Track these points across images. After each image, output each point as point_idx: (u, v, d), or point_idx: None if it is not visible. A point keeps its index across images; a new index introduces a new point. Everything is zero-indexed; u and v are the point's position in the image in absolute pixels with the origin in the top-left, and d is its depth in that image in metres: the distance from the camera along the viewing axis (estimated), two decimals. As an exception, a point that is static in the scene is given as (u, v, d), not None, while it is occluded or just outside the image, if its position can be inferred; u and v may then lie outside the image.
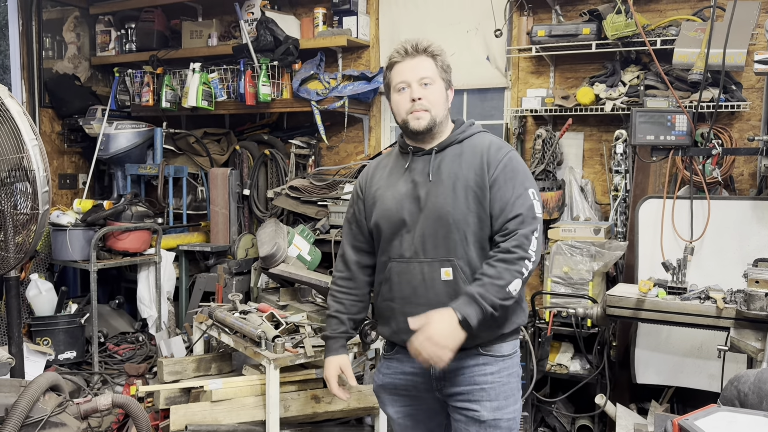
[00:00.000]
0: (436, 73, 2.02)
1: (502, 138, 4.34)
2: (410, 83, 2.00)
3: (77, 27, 5.64)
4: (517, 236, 1.91)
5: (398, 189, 2.06)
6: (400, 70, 2.02)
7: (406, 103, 2.01)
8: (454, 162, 2.02)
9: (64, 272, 5.10)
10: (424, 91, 2.00)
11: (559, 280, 3.62)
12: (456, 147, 2.05)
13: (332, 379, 2.19)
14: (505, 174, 1.97)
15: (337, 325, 2.20)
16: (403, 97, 2.02)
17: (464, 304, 1.86)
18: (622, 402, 3.43)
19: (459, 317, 1.84)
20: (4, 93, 2.86)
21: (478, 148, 2.03)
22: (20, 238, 3.04)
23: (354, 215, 2.20)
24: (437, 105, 2.02)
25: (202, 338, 3.58)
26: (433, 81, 2.01)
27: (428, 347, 1.83)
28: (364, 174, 2.21)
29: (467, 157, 2.02)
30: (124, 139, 5.22)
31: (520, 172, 1.99)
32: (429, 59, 2.02)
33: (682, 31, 3.55)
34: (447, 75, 2.06)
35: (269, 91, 4.70)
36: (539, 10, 4.21)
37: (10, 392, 2.20)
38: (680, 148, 3.26)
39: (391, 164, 2.14)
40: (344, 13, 4.67)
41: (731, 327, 2.64)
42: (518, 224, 1.92)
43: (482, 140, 2.06)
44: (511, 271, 1.88)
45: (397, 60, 2.03)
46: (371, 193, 2.13)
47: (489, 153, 2.00)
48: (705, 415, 1.39)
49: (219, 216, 5.02)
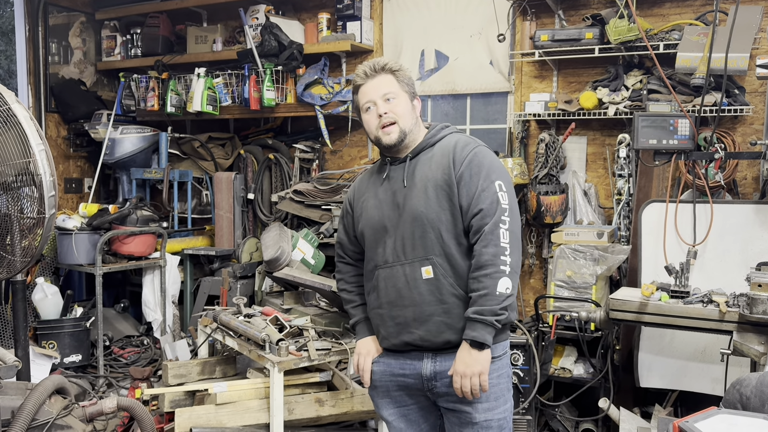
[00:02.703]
0: (398, 88, 2.12)
1: (505, 142, 4.39)
2: (375, 101, 2.10)
3: (83, 32, 5.68)
4: (484, 235, 1.99)
5: (379, 197, 2.16)
6: (364, 91, 2.13)
7: (375, 120, 2.12)
8: (426, 165, 2.11)
9: (69, 276, 5.13)
10: (389, 105, 2.10)
11: (563, 283, 3.63)
12: (428, 150, 2.14)
13: (368, 356, 2.22)
14: (470, 169, 2.04)
15: (359, 311, 2.28)
16: (371, 116, 2.12)
17: (469, 330, 1.97)
18: (626, 406, 3.43)
19: (469, 343, 1.97)
20: (11, 98, 2.88)
21: (446, 148, 2.12)
22: (26, 242, 3.05)
23: (344, 229, 2.31)
24: (404, 116, 2.11)
25: (206, 341, 3.60)
26: (396, 95, 2.11)
27: (462, 382, 1.99)
28: (352, 189, 2.32)
29: (437, 158, 2.11)
30: (130, 143, 5.24)
31: (485, 166, 2.06)
32: (389, 76, 2.12)
33: (684, 36, 3.56)
34: (410, 87, 2.17)
35: (273, 96, 4.72)
36: (542, 15, 4.22)
37: (16, 395, 2.22)
38: (683, 152, 3.27)
39: (374, 176, 2.24)
40: (348, 18, 4.69)
41: (734, 331, 2.63)
42: (481, 219, 2.00)
43: (450, 140, 2.15)
44: (492, 276, 1.96)
45: (360, 83, 2.14)
46: (359, 206, 2.23)
47: (455, 151, 2.09)
48: (705, 417, 1.40)
49: (223, 220, 5.04)
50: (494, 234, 1.97)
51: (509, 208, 2.02)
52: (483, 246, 1.98)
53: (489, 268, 1.96)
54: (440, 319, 2.05)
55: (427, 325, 2.05)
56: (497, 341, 2.10)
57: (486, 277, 1.96)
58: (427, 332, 2.06)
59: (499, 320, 1.96)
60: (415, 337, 2.08)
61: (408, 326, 2.08)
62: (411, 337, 2.08)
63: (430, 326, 2.05)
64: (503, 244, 1.97)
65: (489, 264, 1.96)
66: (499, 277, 1.95)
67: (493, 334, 1.97)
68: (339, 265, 2.37)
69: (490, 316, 1.95)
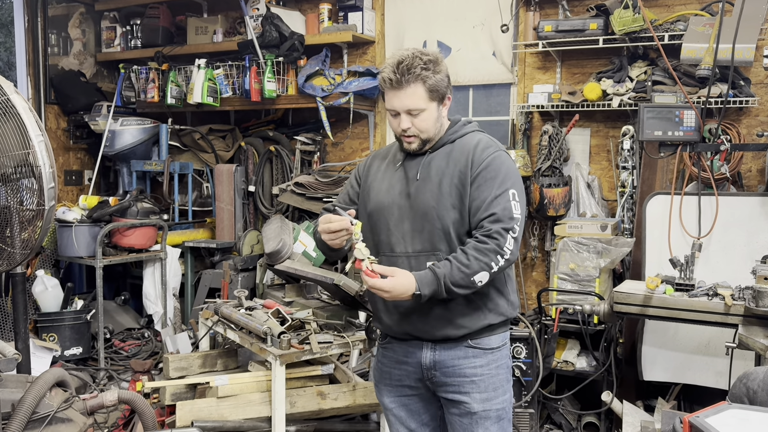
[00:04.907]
0: (425, 100, 2.00)
1: (508, 134, 4.36)
2: (399, 112, 2.03)
3: (83, 23, 5.64)
4: (494, 232, 1.95)
5: (392, 184, 2.12)
6: (389, 96, 2.04)
7: (398, 127, 2.06)
8: (443, 160, 2.07)
9: (70, 268, 5.11)
10: (413, 119, 2.03)
11: (566, 276, 3.61)
12: (447, 146, 2.10)
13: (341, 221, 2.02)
14: (486, 173, 2.00)
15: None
16: (396, 121, 2.07)
17: (427, 283, 1.93)
18: (629, 399, 3.41)
19: (416, 291, 1.92)
20: (9, 89, 2.85)
21: (466, 147, 2.08)
22: (26, 234, 3.03)
23: (348, 194, 2.26)
24: (427, 130, 2.05)
25: (207, 334, 3.58)
26: (422, 110, 2.01)
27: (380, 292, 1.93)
28: (364, 162, 2.27)
29: (455, 155, 2.07)
30: (130, 135, 5.21)
31: (502, 172, 2.02)
32: (417, 86, 1.98)
33: (690, 26, 3.52)
34: (441, 90, 2.02)
35: (274, 87, 4.69)
36: (546, 5, 4.18)
37: (17, 388, 2.21)
38: (688, 144, 3.25)
39: (390, 158, 2.19)
40: (350, 9, 4.66)
41: (739, 324, 2.62)
42: (492, 222, 1.96)
43: (471, 139, 2.10)
44: (481, 262, 1.93)
45: (386, 86, 2.03)
46: (368, 182, 2.19)
47: (475, 152, 2.05)
48: (716, 412, 1.38)
49: (224, 212, 5.02)
50: (503, 237, 1.95)
51: (519, 219, 2.00)
52: (488, 237, 1.95)
53: (484, 255, 1.93)
54: (441, 313, 2.05)
55: (427, 318, 2.06)
56: (496, 332, 2.11)
57: (476, 260, 1.93)
58: (427, 325, 2.07)
59: (447, 292, 1.93)
60: (416, 328, 2.09)
61: (409, 317, 2.09)
62: (412, 327, 2.10)
63: (431, 320, 2.06)
64: (506, 249, 1.95)
65: (487, 251, 1.94)
66: (484, 269, 1.93)
67: (432, 294, 1.93)
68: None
69: (447, 289, 1.92)
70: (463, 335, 2.06)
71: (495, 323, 2.09)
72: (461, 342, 2.07)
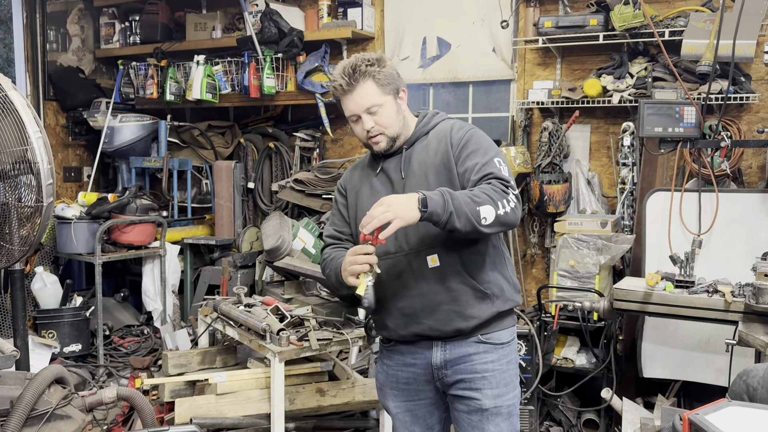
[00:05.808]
0: (380, 95, 2.00)
1: (508, 130, 4.36)
2: (359, 115, 2.02)
3: (81, 19, 5.62)
4: (495, 183, 1.88)
5: (376, 189, 2.10)
6: (346, 103, 2.03)
7: (363, 132, 2.05)
8: (422, 153, 2.07)
9: (69, 265, 5.10)
10: (374, 118, 2.02)
11: (566, 273, 3.60)
12: (422, 139, 2.10)
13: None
14: (468, 147, 2.00)
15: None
16: (358, 127, 2.06)
17: (432, 194, 1.82)
18: (629, 396, 3.41)
19: (420, 195, 1.80)
20: (7, 85, 2.84)
21: (441, 133, 2.07)
22: (25, 230, 3.02)
23: (339, 214, 2.20)
24: (391, 125, 2.04)
25: (206, 331, 3.58)
26: (379, 105, 2.01)
27: (377, 206, 1.80)
28: (342, 179, 2.24)
29: (433, 144, 2.06)
30: (129, 132, 5.20)
31: (483, 144, 2.02)
32: (369, 82, 1.99)
33: (690, 22, 3.51)
34: (393, 84, 2.03)
35: (273, 84, 4.68)
36: (546, 1, 4.17)
37: (16, 385, 2.20)
38: (688, 141, 3.23)
39: (368, 168, 2.18)
40: (349, 5, 4.65)
41: (739, 321, 2.62)
42: (490, 179, 1.91)
43: (445, 126, 2.10)
44: (488, 196, 1.84)
45: (339, 94, 2.03)
46: (354, 196, 2.16)
47: (451, 134, 2.05)
48: (715, 409, 1.37)
49: (224, 209, 5.01)
50: (504, 188, 1.88)
51: (513, 182, 1.96)
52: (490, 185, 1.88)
53: (493, 192, 1.84)
54: (449, 307, 2.01)
55: (436, 314, 2.02)
56: (505, 327, 2.08)
57: (484, 193, 1.83)
58: (437, 321, 2.02)
59: (454, 213, 1.80)
60: (425, 327, 2.04)
61: (416, 317, 2.04)
62: (420, 327, 2.05)
63: (439, 315, 2.01)
64: (510, 198, 1.86)
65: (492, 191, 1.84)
66: (490, 203, 1.82)
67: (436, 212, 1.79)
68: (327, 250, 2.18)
69: (455, 207, 1.79)
70: (474, 327, 2.01)
71: (503, 311, 2.05)
72: (472, 337, 2.03)
